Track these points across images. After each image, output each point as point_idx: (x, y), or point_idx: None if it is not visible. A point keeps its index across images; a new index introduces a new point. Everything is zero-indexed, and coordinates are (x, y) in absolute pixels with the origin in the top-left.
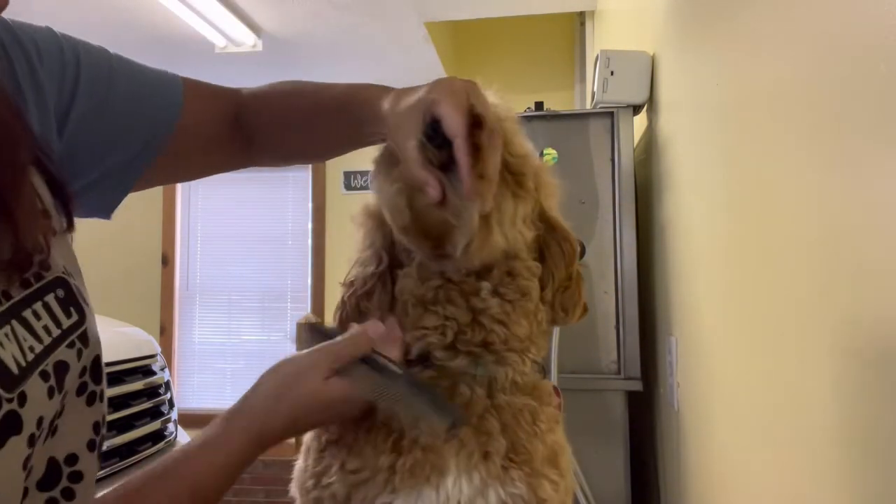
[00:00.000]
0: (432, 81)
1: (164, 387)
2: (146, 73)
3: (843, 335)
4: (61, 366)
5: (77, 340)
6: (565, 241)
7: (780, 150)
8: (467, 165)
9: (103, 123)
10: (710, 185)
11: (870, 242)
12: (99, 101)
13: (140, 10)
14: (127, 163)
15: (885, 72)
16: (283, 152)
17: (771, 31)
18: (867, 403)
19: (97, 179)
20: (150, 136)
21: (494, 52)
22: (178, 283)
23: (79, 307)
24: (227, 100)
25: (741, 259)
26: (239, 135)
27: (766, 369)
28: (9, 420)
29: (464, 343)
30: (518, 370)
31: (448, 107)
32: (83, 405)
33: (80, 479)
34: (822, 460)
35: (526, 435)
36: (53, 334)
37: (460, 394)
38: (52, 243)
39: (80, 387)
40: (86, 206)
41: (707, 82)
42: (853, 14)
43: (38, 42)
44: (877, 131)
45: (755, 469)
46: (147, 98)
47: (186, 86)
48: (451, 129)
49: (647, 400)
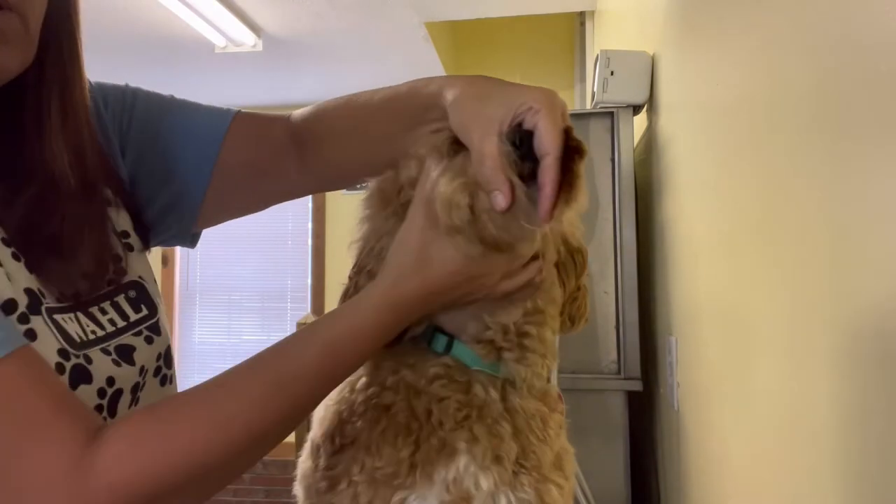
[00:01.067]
0: (518, 85)
1: None
2: (199, 108)
3: (844, 335)
4: (125, 348)
5: (146, 330)
6: (578, 252)
7: (780, 150)
8: (554, 189)
9: (156, 152)
10: (710, 185)
11: (870, 243)
12: (152, 132)
13: (140, 10)
14: (185, 188)
15: (885, 72)
16: (343, 160)
17: (771, 30)
18: (868, 404)
19: (167, 206)
20: (200, 160)
21: (494, 52)
22: (178, 283)
23: (151, 305)
24: (278, 125)
25: (741, 259)
26: (293, 157)
27: (765, 369)
28: (78, 370)
29: (500, 336)
30: (537, 373)
31: (548, 121)
32: (157, 385)
33: None
34: (821, 460)
35: (537, 440)
36: (118, 325)
37: (474, 394)
38: (130, 258)
39: (156, 370)
40: (165, 233)
41: (707, 82)
42: (853, 14)
43: (104, 88)
44: (877, 131)
45: (755, 469)
46: (195, 126)
47: (237, 116)
48: (545, 145)
49: (647, 400)
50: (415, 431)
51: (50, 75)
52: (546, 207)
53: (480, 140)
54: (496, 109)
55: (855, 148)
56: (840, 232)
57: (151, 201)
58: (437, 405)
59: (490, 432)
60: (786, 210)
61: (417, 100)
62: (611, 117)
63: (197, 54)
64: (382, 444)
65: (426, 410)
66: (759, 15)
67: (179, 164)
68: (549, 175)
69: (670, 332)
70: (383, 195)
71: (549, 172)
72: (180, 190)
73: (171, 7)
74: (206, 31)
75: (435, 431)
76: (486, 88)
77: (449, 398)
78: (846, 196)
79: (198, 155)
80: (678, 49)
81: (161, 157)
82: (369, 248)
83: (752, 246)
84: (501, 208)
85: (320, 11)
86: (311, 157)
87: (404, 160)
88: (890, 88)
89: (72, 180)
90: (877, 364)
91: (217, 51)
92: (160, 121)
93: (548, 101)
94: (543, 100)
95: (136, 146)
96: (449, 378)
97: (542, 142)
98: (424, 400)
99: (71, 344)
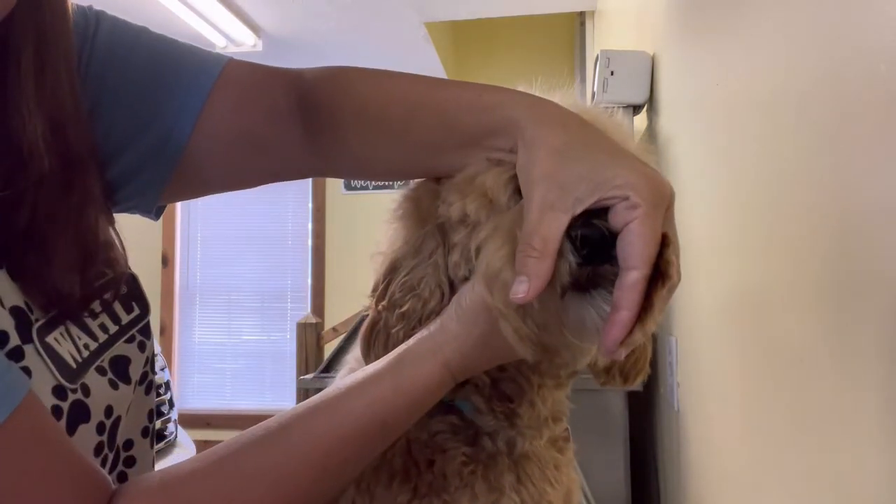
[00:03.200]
0: (619, 151)
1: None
2: (180, 46)
3: (844, 335)
4: (120, 360)
5: (138, 334)
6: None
7: (780, 150)
8: (632, 316)
9: (122, 97)
10: (710, 185)
11: (870, 243)
12: (118, 70)
13: (140, 10)
14: (158, 147)
15: (885, 72)
16: (369, 155)
17: (771, 30)
18: (868, 404)
19: (133, 166)
20: (179, 111)
21: (494, 52)
22: (178, 283)
23: (142, 301)
24: (282, 82)
25: (741, 259)
26: (298, 129)
27: (765, 369)
28: (76, 409)
29: (501, 404)
30: (533, 445)
31: (646, 226)
32: (143, 393)
33: (133, 464)
34: (821, 460)
35: (549, 487)
36: (110, 331)
37: (482, 447)
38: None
39: (142, 376)
40: (128, 201)
41: (707, 82)
42: (853, 14)
43: None
44: (877, 131)
45: (755, 469)
46: (175, 68)
47: (230, 63)
48: (634, 258)
49: (647, 400)
50: (413, 479)
51: (23, 20)
52: (614, 336)
53: (541, 210)
54: (579, 182)
55: (855, 147)
56: (840, 231)
57: (113, 158)
58: (440, 456)
59: (490, 488)
60: (786, 209)
61: (485, 117)
62: None
63: None
64: (375, 483)
65: (427, 460)
66: (760, 15)
67: (153, 114)
68: (629, 296)
69: (670, 332)
70: (419, 206)
71: (630, 293)
72: (152, 146)
73: (171, 7)
74: (206, 31)
75: (436, 486)
76: (576, 143)
77: (455, 449)
78: (845, 196)
79: (177, 105)
80: (678, 49)
81: (128, 103)
82: (402, 281)
83: (753, 245)
84: (516, 298)
85: (320, 11)
86: (325, 136)
87: (449, 188)
88: (890, 88)
89: (46, 159)
90: (878, 364)
91: (217, 51)
92: (129, 58)
93: (653, 192)
94: (647, 190)
95: (95, 87)
96: (453, 432)
97: (630, 250)
98: (427, 450)
99: (67, 374)
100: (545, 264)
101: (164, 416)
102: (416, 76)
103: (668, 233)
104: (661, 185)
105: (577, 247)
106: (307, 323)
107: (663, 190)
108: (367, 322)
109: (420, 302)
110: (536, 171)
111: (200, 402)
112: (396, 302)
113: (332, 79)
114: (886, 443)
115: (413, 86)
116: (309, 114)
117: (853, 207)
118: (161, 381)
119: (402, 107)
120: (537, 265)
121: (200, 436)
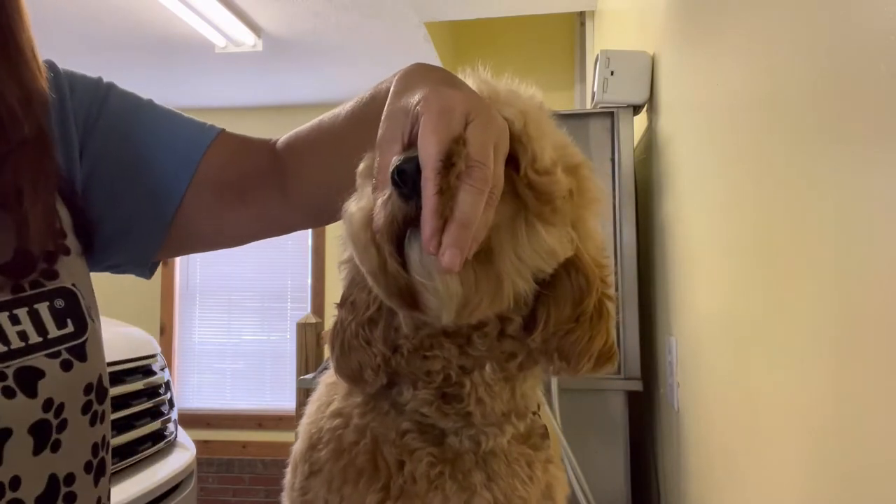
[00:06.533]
0: (436, 75)
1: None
2: (180, 117)
3: (844, 335)
4: (28, 373)
5: (66, 352)
6: (578, 273)
7: (780, 151)
8: (430, 208)
9: (125, 154)
10: (710, 185)
11: (870, 242)
12: (123, 131)
13: (140, 10)
14: (155, 201)
15: (885, 72)
16: (323, 180)
17: (771, 30)
18: (868, 403)
19: (129, 220)
20: (177, 169)
21: (494, 52)
22: (178, 283)
23: (80, 321)
24: (262, 149)
25: (741, 259)
26: (276, 186)
27: (765, 369)
28: None
29: (450, 406)
30: (497, 441)
31: (426, 130)
32: (86, 424)
33: (73, 501)
34: (822, 460)
35: (521, 484)
36: (30, 341)
37: (449, 445)
38: (64, 261)
39: (85, 405)
40: (119, 256)
41: (707, 82)
42: (853, 14)
43: (73, 75)
44: (877, 131)
45: (755, 469)
46: (175, 135)
47: (221, 134)
48: (422, 161)
49: (647, 400)
50: (383, 477)
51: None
52: (426, 234)
53: (378, 147)
54: (400, 114)
55: (855, 147)
56: (840, 232)
57: (110, 208)
58: (409, 457)
59: (461, 487)
60: (786, 210)
61: (378, 103)
62: (611, 117)
63: (197, 54)
64: (343, 483)
65: (397, 461)
66: (760, 15)
67: (152, 171)
68: (426, 193)
69: (670, 332)
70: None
71: (426, 190)
72: (148, 203)
73: (172, 7)
74: (206, 31)
75: (407, 490)
76: (411, 82)
77: (422, 450)
78: (846, 195)
79: (174, 165)
80: (678, 49)
81: (130, 160)
82: (350, 277)
83: (753, 246)
84: (375, 227)
85: (320, 11)
86: (293, 184)
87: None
88: (890, 88)
89: (25, 125)
90: (877, 363)
91: (217, 51)
92: (135, 121)
93: (438, 99)
94: (432, 99)
95: (102, 142)
96: (420, 431)
97: (420, 154)
98: (395, 451)
99: None
100: (384, 194)
101: (163, 416)
102: (342, 105)
103: (468, 134)
104: (448, 95)
105: (397, 181)
106: (307, 323)
107: (450, 96)
108: (332, 325)
109: (365, 292)
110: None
111: (200, 402)
112: (347, 297)
113: (290, 139)
114: (887, 443)
115: (338, 111)
116: (280, 172)
117: (854, 207)
118: (161, 381)
119: (333, 130)
120: (378, 195)
121: (200, 436)
